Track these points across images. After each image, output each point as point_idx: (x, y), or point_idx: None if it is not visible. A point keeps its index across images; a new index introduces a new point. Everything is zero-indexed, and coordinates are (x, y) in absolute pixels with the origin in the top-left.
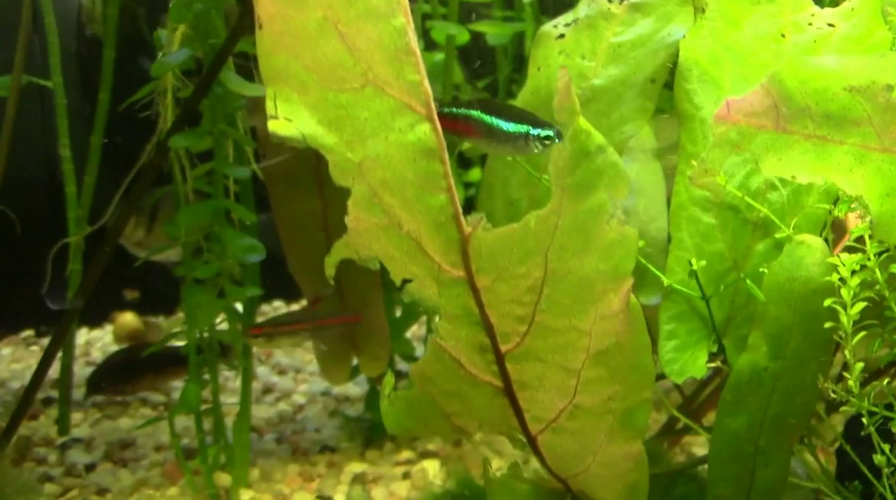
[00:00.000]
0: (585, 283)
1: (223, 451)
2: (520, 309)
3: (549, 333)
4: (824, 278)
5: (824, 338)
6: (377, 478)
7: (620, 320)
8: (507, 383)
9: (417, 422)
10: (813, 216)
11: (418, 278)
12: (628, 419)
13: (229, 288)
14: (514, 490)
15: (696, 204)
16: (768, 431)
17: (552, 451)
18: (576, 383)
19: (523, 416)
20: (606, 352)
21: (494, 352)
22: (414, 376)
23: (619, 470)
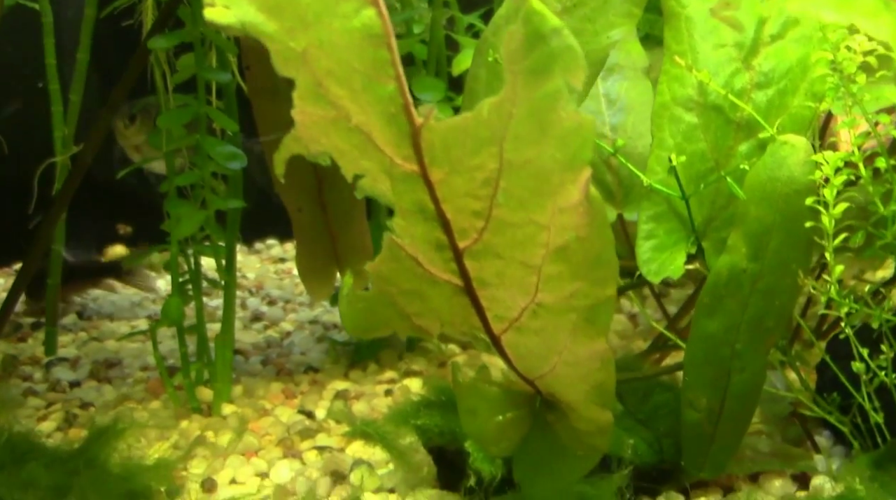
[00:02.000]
0: (542, 174)
1: (206, 367)
2: (476, 203)
3: (507, 227)
4: (807, 178)
5: (805, 239)
6: (359, 395)
7: (580, 213)
8: (466, 282)
9: (377, 323)
10: (798, 117)
11: (370, 173)
12: (592, 316)
13: (210, 198)
14: (483, 393)
15: (678, 104)
16: (746, 334)
17: (516, 351)
18: (537, 281)
19: (485, 315)
20: (567, 247)
21: (452, 249)
22: (371, 275)
23: (584, 370)
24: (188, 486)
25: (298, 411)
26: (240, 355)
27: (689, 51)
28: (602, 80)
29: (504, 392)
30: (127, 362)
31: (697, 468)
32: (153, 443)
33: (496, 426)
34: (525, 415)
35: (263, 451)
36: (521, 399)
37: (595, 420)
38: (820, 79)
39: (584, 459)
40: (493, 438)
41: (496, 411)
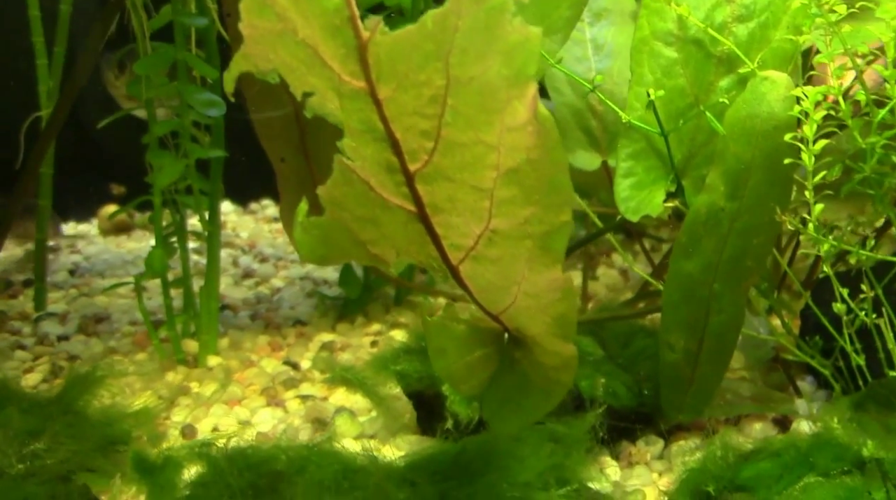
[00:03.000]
0: (489, 90)
1: (192, 320)
2: (424, 122)
3: (457, 148)
4: (787, 114)
5: (784, 176)
6: (345, 346)
7: (529, 132)
8: (420, 207)
9: (333, 250)
10: (780, 51)
11: (319, 91)
12: (547, 243)
13: (191, 148)
14: (451, 332)
15: (658, 38)
16: (723, 274)
17: (476, 283)
18: (490, 205)
19: (441, 244)
20: (518, 170)
21: (403, 172)
22: (324, 200)
23: (545, 301)
24: (170, 433)
25: (284, 362)
26: (229, 310)
27: None
28: (590, 25)
29: (472, 331)
30: (116, 317)
31: (676, 410)
32: (138, 393)
33: (465, 364)
34: (493, 353)
35: (247, 400)
36: (488, 337)
37: (559, 354)
38: (802, 11)
39: (550, 394)
40: (463, 377)
41: (465, 349)
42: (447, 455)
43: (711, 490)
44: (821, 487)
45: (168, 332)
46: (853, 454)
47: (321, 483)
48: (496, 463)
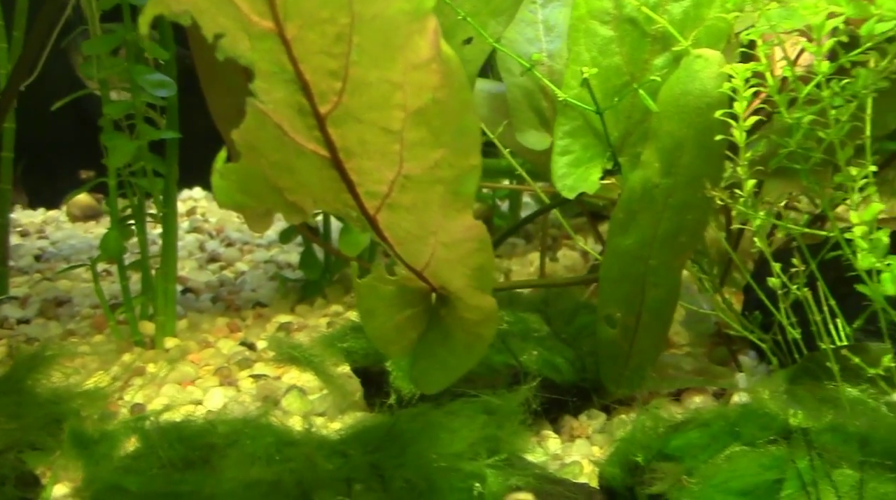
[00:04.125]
0: (391, 26)
1: (151, 302)
2: (332, 62)
3: (364, 88)
4: (718, 91)
5: (716, 153)
6: (302, 327)
7: (433, 70)
8: (332, 152)
9: (250, 197)
10: (714, 30)
11: (229, 32)
12: (458, 187)
13: (143, 129)
14: (380, 293)
15: (594, 17)
16: (659, 249)
17: (394, 233)
18: (400, 149)
19: (356, 191)
20: (426, 110)
21: (314, 114)
22: (239, 145)
23: (462, 251)
24: (121, 413)
25: (240, 343)
26: (191, 293)
27: None
28: (542, 7)
29: (400, 291)
30: (77, 301)
31: (615, 384)
32: (93, 375)
33: (394, 325)
34: (421, 313)
35: (200, 380)
36: (416, 297)
37: (480, 307)
38: None
39: (473, 349)
40: (392, 337)
41: (393, 310)
42: (381, 428)
43: (640, 460)
44: (745, 456)
45: (126, 314)
46: (780, 423)
47: (253, 455)
48: (428, 434)
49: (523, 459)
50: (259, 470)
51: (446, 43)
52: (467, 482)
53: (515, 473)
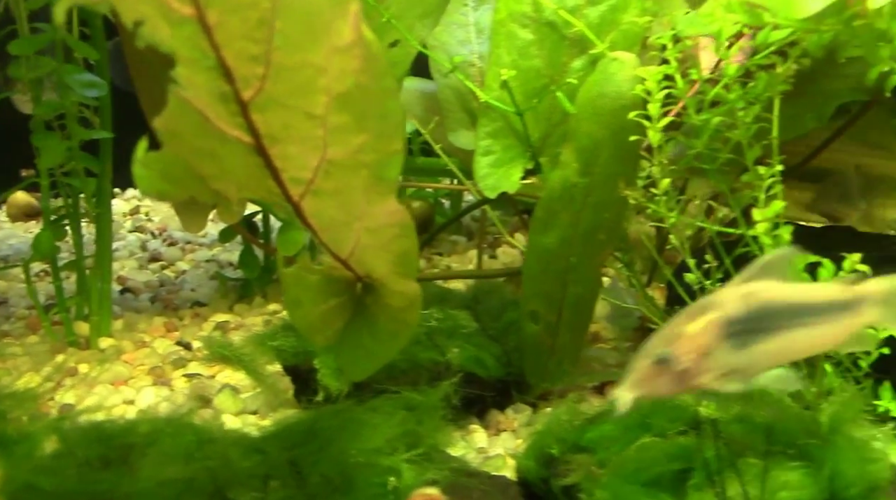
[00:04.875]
0: (314, 10)
1: (86, 303)
2: (254, 47)
3: (287, 72)
4: (633, 93)
5: (632, 152)
6: (239, 326)
7: (355, 55)
8: (256, 138)
9: (173, 185)
10: (629, 33)
11: (149, 19)
12: (381, 172)
13: (74, 129)
14: (306, 282)
15: (514, 20)
16: (579, 247)
17: (319, 219)
18: (324, 134)
19: (280, 177)
20: (348, 95)
21: (237, 101)
22: (161, 133)
23: (385, 237)
24: (53, 413)
25: (177, 342)
26: (129, 293)
27: None
28: (473, 9)
29: (326, 280)
30: (13, 301)
31: (539, 378)
32: (25, 376)
33: (320, 314)
34: (346, 302)
35: (133, 380)
36: (342, 286)
37: (403, 293)
38: None
39: (397, 335)
40: (318, 326)
41: (319, 299)
42: (303, 425)
43: (555, 452)
44: (655, 446)
45: (60, 314)
46: (689, 415)
47: (172, 454)
48: (349, 430)
49: (443, 453)
50: (176, 469)
51: None
52: (383, 477)
53: (433, 467)
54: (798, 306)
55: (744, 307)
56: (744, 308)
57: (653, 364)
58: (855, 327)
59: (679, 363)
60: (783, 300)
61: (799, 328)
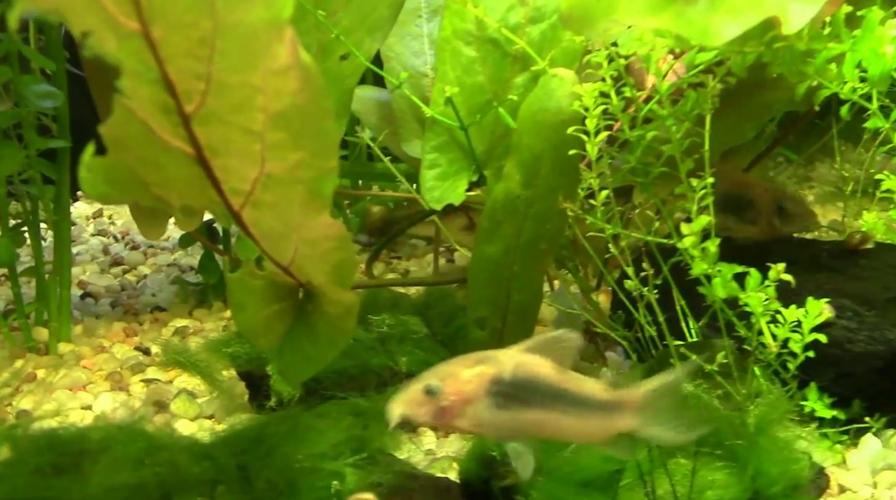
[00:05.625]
0: (252, 33)
1: (46, 308)
2: (196, 64)
3: (227, 90)
4: (572, 108)
5: (572, 166)
6: (197, 331)
7: (292, 77)
8: (198, 149)
9: (116, 189)
10: (569, 50)
11: (96, 31)
12: (316, 188)
13: (31, 138)
14: (250, 287)
15: (459, 38)
16: (522, 256)
17: (259, 229)
18: (262, 149)
19: (221, 188)
20: (285, 114)
21: (179, 113)
22: (106, 139)
23: (323, 249)
24: (10, 420)
25: (136, 348)
26: (90, 298)
27: None
28: (426, 21)
29: (269, 286)
30: None
31: None
32: None
33: (263, 318)
34: (289, 307)
35: (92, 385)
36: (284, 292)
37: (341, 301)
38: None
39: (335, 341)
40: (261, 330)
41: (263, 304)
42: (252, 430)
43: (496, 455)
44: (589, 449)
45: (19, 320)
46: None
47: (123, 460)
48: (296, 436)
49: (389, 456)
50: (125, 475)
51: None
52: (326, 481)
53: (377, 470)
54: (558, 391)
55: (511, 373)
56: (510, 374)
57: (422, 392)
58: (614, 430)
59: (444, 400)
60: (546, 382)
61: (554, 412)
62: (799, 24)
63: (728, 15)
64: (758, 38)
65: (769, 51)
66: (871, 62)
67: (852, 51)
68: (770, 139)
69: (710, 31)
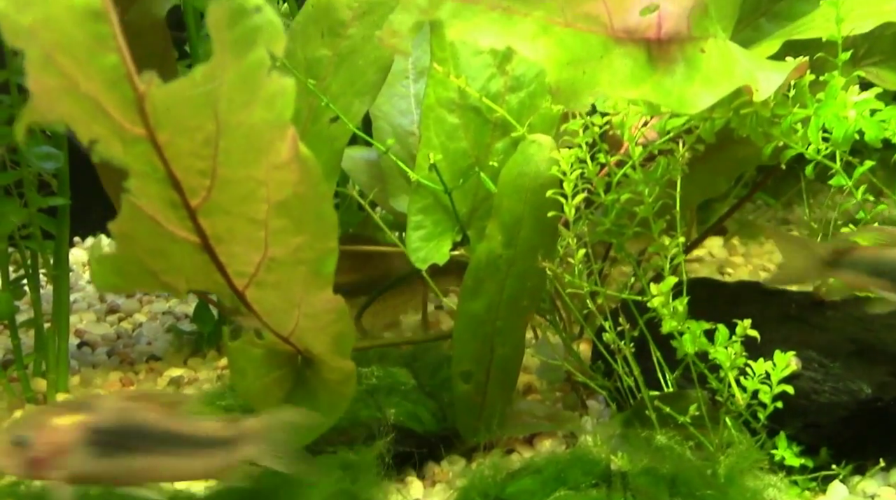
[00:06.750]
0: (254, 133)
1: (44, 359)
2: (201, 163)
3: (231, 184)
4: (550, 173)
5: (550, 226)
6: (192, 380)
7: (293, 170)
8: (203, 239)
9: (126, 280)
10: (546, 117)
11: (103, 138)
12: (318, 267)
13: (32, 197)
14: (249, 355)
15: (442, 106)
16: (504, 312)
17: (262, 306)
18: (265, 235)
19: (226, 271)
20: (287, 203)
21: (185, 207)
22: (115, 235)
23: (323, 321)
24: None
25: None
26: (87, 347)
27: (452, 57)
28: (413, 82)
29: (269, 353)
30: None
31: (471, 434)
32: None
33: (263, 385)
34: (288, 374)
35: None
36: (284, 359)
37: (340, 369)
38: None
39: (335, 407)
40: (262, 396)
41: (262, 371)
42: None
43: None
44: (570, 499)
45: (17, 371)
46: (602, 468)
47: None
48: (287, 490)
49: None
50: None
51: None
52: None
53: None
54: (168, 435)
55: (115, 421)
56: (114, 421)
57: (10, 442)
58: (233, 461)
59: (35, 451)
60: (154, 426)
61: (167, 456)
62: (768, 92)
63: (703, 85)
64: (726, 105)
65: (736, 116)
66: (835, 125)
67: (816, 115)
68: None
69: (687, 100)
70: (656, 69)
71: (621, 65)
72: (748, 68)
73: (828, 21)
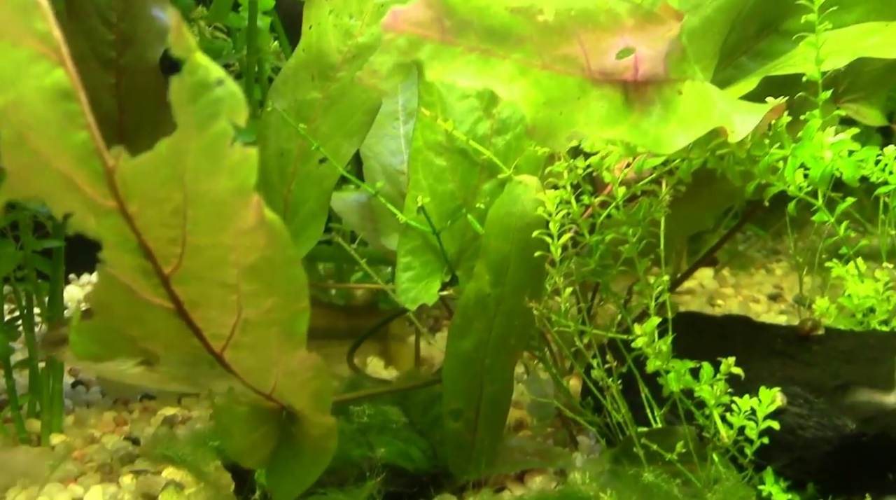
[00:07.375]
0: (220, 201)
1: (38, 400)
2: (171, 231)
3: (201, 251)
4: (537, 213)
5: (537, 266)
6: (185, 420)
7: (260, 235)
8: (178, 305)
9: (105, 348)
10: (532, 158)
11: (77, 212)
12: (291, 327)
13: (28, 239)
14: (235, 413)
15: (430, 148)
16: (493, 351)
17: (240, 367)
18: (238, 298)
19: (203, 335)
20: (256, 266)
21: (159, 275)
22: (92, 305)
23: (301, 379)
24: None
25: (125, 438)
26: (81, 386)
27: (439, 101)
28: (403, 123)
29: (254, 411)
30: None
31: (462, 472)
32: None
33: (249, 441)
34: (273, 429)
35: (83, 477)
36: (268, 415)
37: (322, 425)
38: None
39: (318, 460)
40: (248, 452)
41: (248, 428)
42: None
43: None
44: None
45: (11, 412)
46: None
47: None
48: None
49: None
50: None
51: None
52: None
53: None
54: None
55: None
56: None
57: None
58: None
59: None
60: None
61: None
62: (743, 134)
63: (679, 126)
64: (703, 145)
65: (713, 157)
66: (812, 165)
67: (793, 156)
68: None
69: (663, 141)
70: (633, 110)
71: (598, 106)
72: (724, 110)
73: (806, 60)
